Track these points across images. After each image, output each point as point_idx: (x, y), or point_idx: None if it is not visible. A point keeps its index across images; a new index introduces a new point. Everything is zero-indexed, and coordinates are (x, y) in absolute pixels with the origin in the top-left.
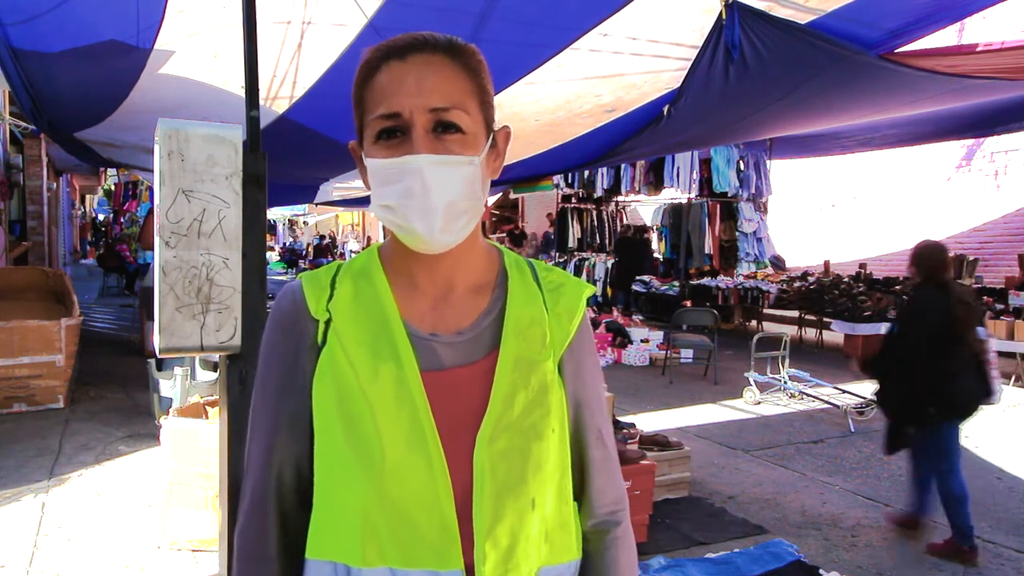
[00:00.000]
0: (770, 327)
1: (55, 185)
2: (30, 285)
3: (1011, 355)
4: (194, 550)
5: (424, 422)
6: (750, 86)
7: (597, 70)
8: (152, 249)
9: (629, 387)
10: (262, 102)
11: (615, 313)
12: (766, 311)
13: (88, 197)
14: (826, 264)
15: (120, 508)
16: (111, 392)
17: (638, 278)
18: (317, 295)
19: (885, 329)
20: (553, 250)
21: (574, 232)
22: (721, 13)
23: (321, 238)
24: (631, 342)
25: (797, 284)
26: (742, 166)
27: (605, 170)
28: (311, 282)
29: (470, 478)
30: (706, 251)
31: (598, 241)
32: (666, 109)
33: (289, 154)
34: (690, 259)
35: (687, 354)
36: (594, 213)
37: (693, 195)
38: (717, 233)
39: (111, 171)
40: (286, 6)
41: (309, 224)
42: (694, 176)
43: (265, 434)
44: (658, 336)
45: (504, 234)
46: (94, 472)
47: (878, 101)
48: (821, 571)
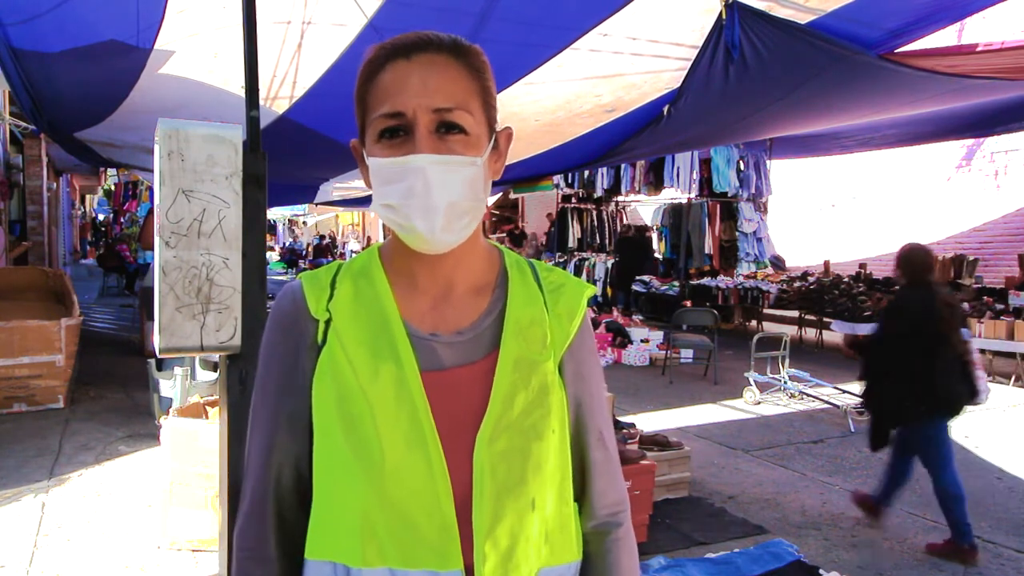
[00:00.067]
0: (770, 327)
1: (55, 185)
2: (30, 285)
3: (1011, 355)
4: (194, 550)
5: (424, 422)
6: (750, 86)
7: (597, 70)
8: (152, 249)
9: (629, 387)
10: (262, 102)
11: (615, 313)
12: (766, 311)
13: (88, 197)
14: (826, 264)
15: (120, 508)
16: (111, 392)
17: (638, 278)
18: (317, 295)
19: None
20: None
21: (574, 232)
22: (721, 13)
23: (321, 238)
24: (631, 342)
25: (797, 284)
26: (742, 166)
27: (605, 170)
28: (311, 282)
29: (470, 478)
30: (706, 251)
31: (598, 241)
32: (666, 109)
33: (289, 154)
34: (690, 259)
35: (687, 354)
36: (594, 213)
37: (693, 195)
38: (717, 233)
39: (111, 171)
40: (286, 6)
41: (309, 224)
42: (694, 176)
43: (265, 434)
44: (658, 336)
45: (504, 234)
46: (94, 472)
47: (878, 101)
48: (821, 571)
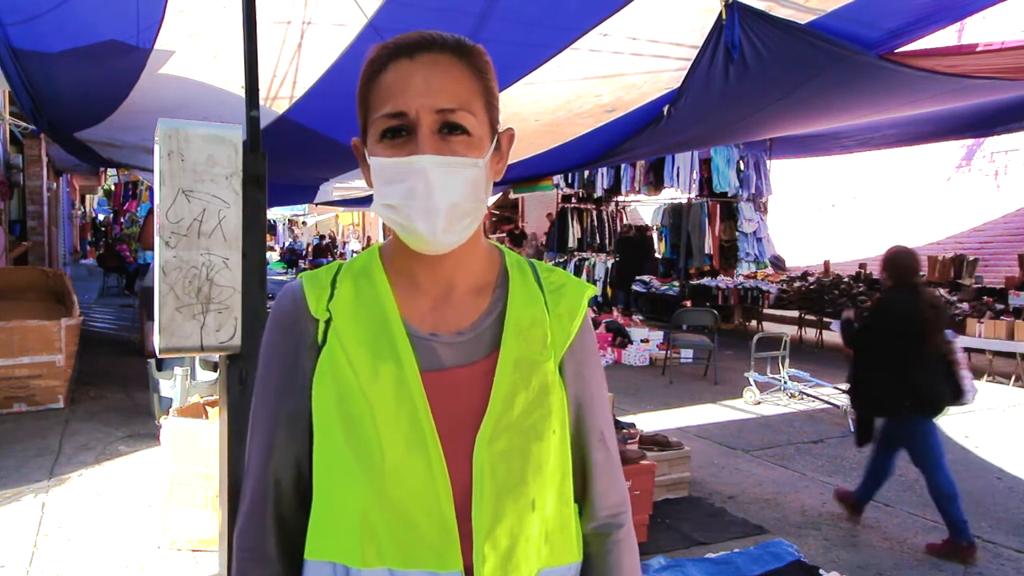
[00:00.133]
0: (770, 327)
1: (55, 185)
2: (30, 285)
3: (1011, 355)
4: (194, 550)
5: (424, 422)
6: (750, 86)
7: (597, 70)
8: (152, 249)
9: (629, 387)
10: (262, 102)
11: (615, 313)
12: (766, 311)
13: (88, 197)
14: (826, 264)
15: (120, 508)
16: (111, 392)
17: (638, 278)
18: (317, 294)
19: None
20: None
21: (574, 232)
22: (721, 13)
23: (321, 238)
24: (631, 342)
25: (797, 284)
26: (742, 166)
27: (605, 170)
28: (311, 282)
29: (470, 479)
30: (706, 251)
31: (598, 241)
32: (666, 109)
33: (289, 154)
34: (690, 259)
35: (687, 354)
36: (594, 213)
37: (693, 195)
38: (717, 233)
39: (111, 171)
40: (286, 6)
41: (309, 224)
42: (694, 176)
43: (265, 434)
44: (658, 336)
45: (504, 234)
46: (94, 472)
47: (878, 101)
48: (821, 571)
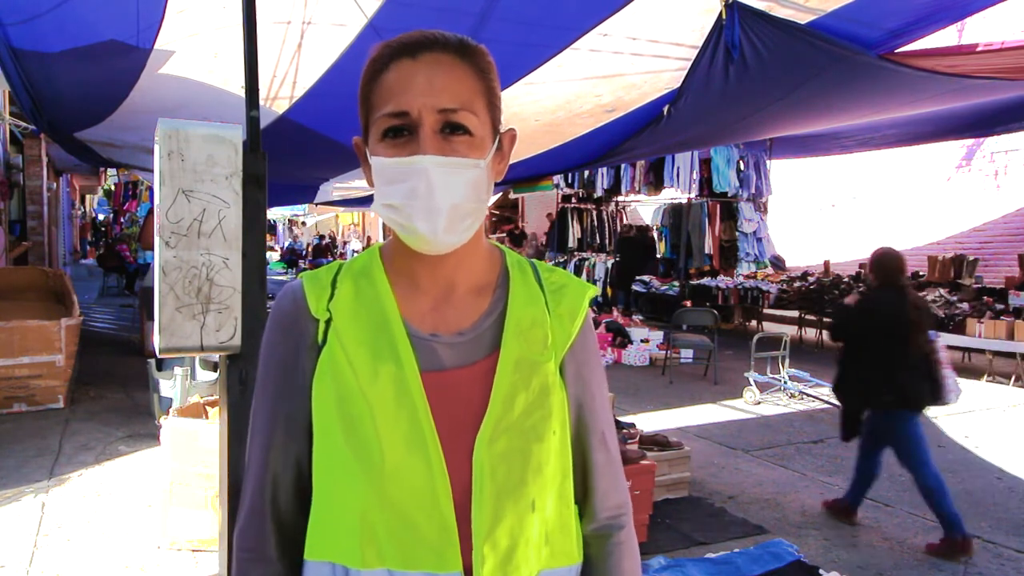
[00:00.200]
0: (770, 327)
1: (55, 185)
2: (30, 285)
3: (1011, 355)
4: (194, 550)
5: (424, 423)
6: (750, 86)
7: (597, 70)
8: (152, 249)
9: (629, 387)
10: (262, 102)
11: (615, 313)
12: (766, 311)
13: (88, 197)
14: (826, 264)
15: (120, 508)
16: (111, 392)
17: (638, 278)
18: (318, 294)
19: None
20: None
21: (574, 232)
22: (721, 13)
23: (320, 238)
24: (631, 342)
25: (797, 284)
26: (742, 166)
27: (605, 170)
28: (312, 281)
29: (470, 479)
30: (706, 251)
31: (598, 241)
32: (666, 109)
33: (289, 154)
34: (690, 259)
35: (687, 354)
36: (594, 213)
37: (693, 195)
38: (717, 233)
39: (111, 171)
40: (286, 6)
41: (308, 224)
42: (694, 176)
43: (265, 434)
44: (658, 336)
45: (504, 234)
46: (94, 472)
47: (878, 101)
48: (821, 571)
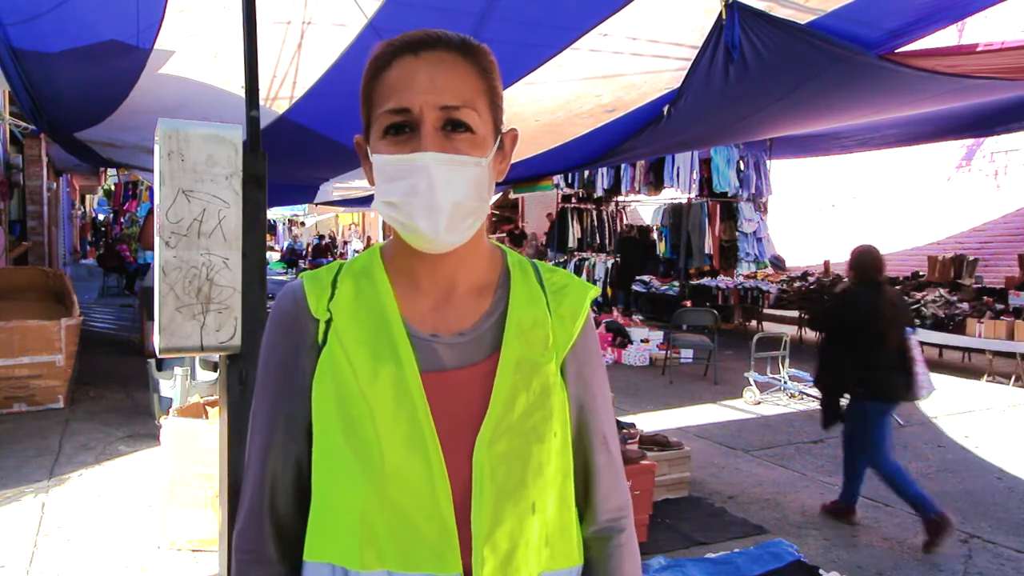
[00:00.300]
0: (770, 327)
1: (55, 185)
2: (30, 285)
3: (1011, 355)
4: (194, 550)
5: (423, 424)
6: (750, 86)
7: (597, 70)
8: (152, 249)
9: (629, 387)
10: (262, 102)
11: (615, 313)
12: (766, 311)
13: (88, 197)
14: (826, 264)
15: (120, 508)
16: (111, 392)
17: (638, 278)
18: (318, 294)
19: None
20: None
21: (574, 232)
22: (721, 13)
23: (320, 238)
24: (631, 342)
25: (797, 284)
26: (742, 166)
27: (605, 170)
28: (312, 281)
29: (470, 481)
30: (706, 251)
31: (598, 241)
32: (666, 109)
33: (289, 154)
34: (690, 259)
35: (687, 354)
36: (594, 213)
37: (693, 195)
38: (717, 233)
39: (111, 171)
40: (286, 6)
41: (308, 224)
42: (694, 176)
43: (265, 434)
44: (658, 336)
45: (504, 234)
46: (94, 472)
47: (878, 101)
48: (821, 571)
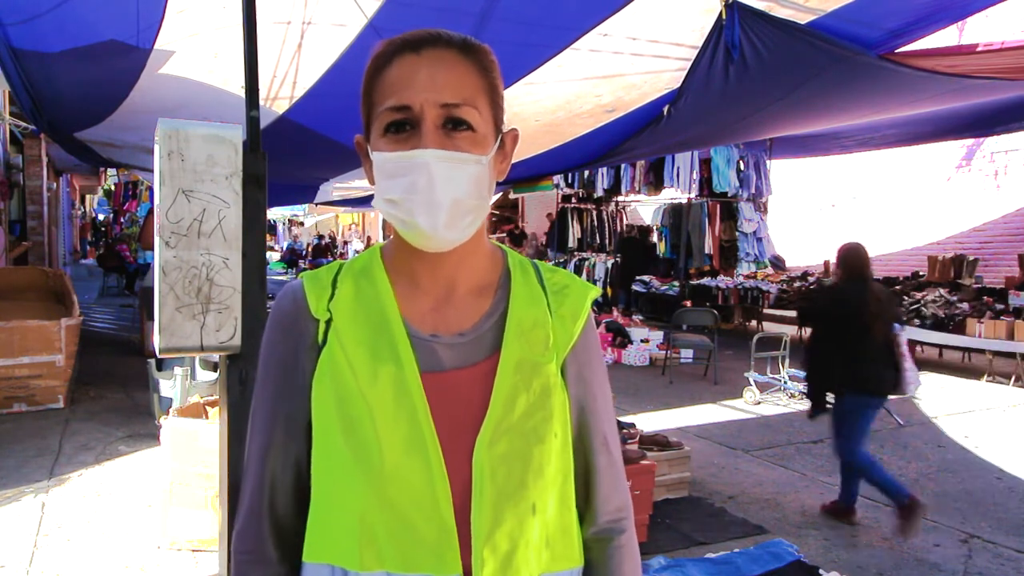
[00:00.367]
0: (770, 327)
1: (55, 185)
2: (30, 285)
3: (1011, 355)
4: (194, 550)
5: (423, 424)
6: (750, 86)
7: (597, 70)
8: (152, 249)
9: (629, 387)
10: (262, 102)
11: (615, 313)
12: (766, 311)
13: (88, 197)
14: (826, 264)
15: (120, 508)
16: (111, 392)
17: (638, 278)
18: (318, 294)
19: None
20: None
21: (574, 232)
22: (721, 13)
23: (320, 238)
24: (631, 342)
25: (797, 284)
26: (742, 166)
27: (605, 170)
28: (312, 281)
29: (470, 481)
30: (706, 251)
31: (598, 241)
32: (666, 109)
33: (289, 154)
34: (690, 259)
35: (687, 354)
36: (594, 213)
37: (693, 195)
38: (717, 233)
39: (111, 171)
40: (286, 6)
41: (308, 224)
42: (694, 176)
43: (265, 434)
44: (658, 336)
45: (504, 234)
46: (94, 472)
47: (878, 101)
48: (821, 571)
